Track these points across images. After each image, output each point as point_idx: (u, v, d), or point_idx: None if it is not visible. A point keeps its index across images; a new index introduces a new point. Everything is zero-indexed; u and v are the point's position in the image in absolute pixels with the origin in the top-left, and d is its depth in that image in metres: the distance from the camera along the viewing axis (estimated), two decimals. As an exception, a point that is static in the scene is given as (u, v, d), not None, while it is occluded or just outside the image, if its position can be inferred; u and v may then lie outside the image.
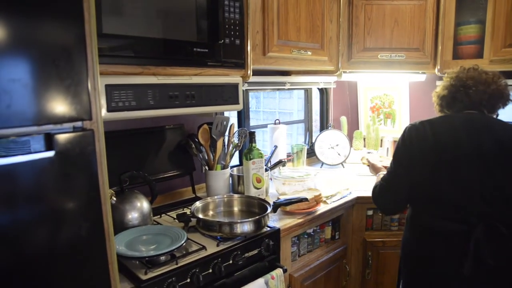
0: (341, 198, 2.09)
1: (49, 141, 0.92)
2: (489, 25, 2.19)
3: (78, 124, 0.98)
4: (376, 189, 1.66)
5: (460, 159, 1.44)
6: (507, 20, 2.11)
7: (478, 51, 2.28)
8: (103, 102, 1.29)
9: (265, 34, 1.87)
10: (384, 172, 1.83)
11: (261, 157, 1.98)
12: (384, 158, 2.15)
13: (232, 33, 1.65)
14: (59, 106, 0.92)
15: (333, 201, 2.05)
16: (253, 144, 1.98)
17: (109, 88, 1.31)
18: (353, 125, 3.19)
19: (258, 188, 1.98)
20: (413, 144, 1.52)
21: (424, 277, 1.53)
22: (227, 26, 1.62)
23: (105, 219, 1.05)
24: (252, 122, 2.58)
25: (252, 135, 2.00)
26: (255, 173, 1.96)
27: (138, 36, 1.37)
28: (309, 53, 2.13)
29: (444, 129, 1.50)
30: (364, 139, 2.99)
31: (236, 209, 1.84)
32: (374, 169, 2.06)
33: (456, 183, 1.44)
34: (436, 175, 1.46)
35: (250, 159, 1.94)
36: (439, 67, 2.39)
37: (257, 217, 1.58)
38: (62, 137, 0.93)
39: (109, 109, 1.31)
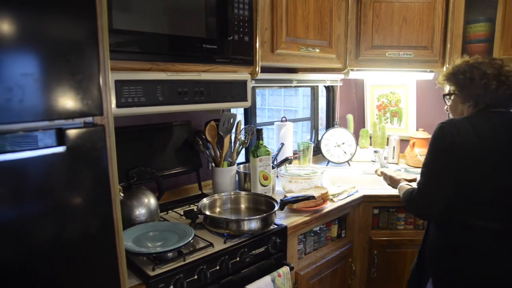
0: (347, 197, 2.09)
1: (60, 136, 0.91)
2: (499, 24, 2.17)
3: (89, 119, 0.98)
4: (413, 195, 1.56)
5: (502, 157, 1.43)
6: (517, 18, 2.09)
7: (487, 49, 2.25)
8: (113, 97, 1.29)
9: (273, 31, 1.86)
10: (405, 183, 1.80)
11: (268, 154, 1.97)
12: (401, 173, 2.08)
13: (241, 29, 1.64)
14: (71, 101, 0.92)
15: (340, 199, 2.05)
16: (260, 142, 1.98)
17: (119, 83, 1.31)
18: (359, 123, 3.18)
19: (265, 186, 1.97)
20: (456, 143, 1.43)
21: (468, 280, 1.47)
22: (236, 23, 1.62)
23: (115, 215, 1.05)
24: (257, 120, 2.58)
25: (259, 132, 1.99)
26: (262, 170, 1.95)
27: (147, 32, 1.37)
28: (317, 50, 2.12)
29: (485, 127, 1.45)
30: (371, 137, 2.98)
31: (243, 206, 1.84)
32: (392, 181, 1.95)
33: (499, 182, 1.42)
34: (480, 174, 1.43)
35: (257, 156, 1.94)
36: (447, 66, 2.37)
37: (264, 214, 1.58)
38: (73, 132, 0.93)
39: (118, 105, 1.31)
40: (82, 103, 0.94)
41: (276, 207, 1.64)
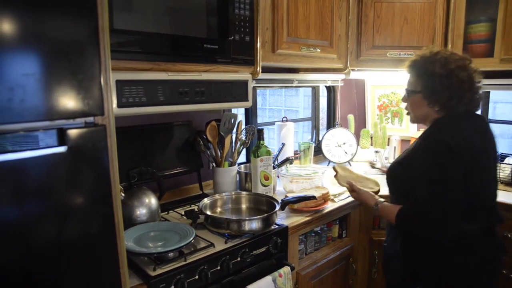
0: (348, 197, 2.08)
1: (62, 136, 0.91)
2: (500, 24, 2.17)
3: (90, 119, 0.98)
4: (427, 213, 1.39)
5: (491, 162, 1.49)
6: (519, 19, 2.09)
7: (488, 49, 2.25)
8: (114, 97, 1.29)
9: (274, 31, 1.86)
10: (381, 199, 1.62)
11: (269, 154, 1.97)
12: (361, 179, 1.91)
13: (242, 29, 1.64)
14: (72, 101, 0.92)
15: (341, 200, 2.05)
16: (261, 142, 1.97)
17: (120, 83, 1.31)
18: (360, 123, 3.18)
19: (265, 186, 1.97)
20: (462, 151, 1.36)
21: (469, 282, 1.47)
22: (237, 23, 1.62)
23: (116, 215, 1.05)
24: (258, 120, 2.58)
25: (260, 132, 1.99)
26: (263, 170, 1.95)
27: (148, 32, 1.37)
28: (318, 50, 2.12)
29: (473, 133, 1.44)
30: (371, 137, 2.98)
31: (244, 206, 1.84)
32: (365, 198, 1.69)
33: (490, 185, 1.48)
34: (478, 181, 1.42)
35: (258, 157, 1.94)
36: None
37: (265, 214, 1.58)
38: (74, 132, 0.93)
39: (119, 105, 1.31)
40: (83, 103, 0.94)
41: (277, 207, 1.64)
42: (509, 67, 2.16)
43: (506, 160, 2.41)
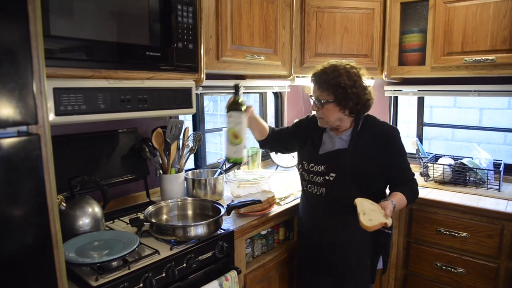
0: (294, 200, 2.15)
1: (-9, 146, 0.89)
2: (429, 34, 2.34)
3: (23, 128, 0.96)
4: (416, 187, 1.81)
5: None
6: (445, 30, 2.26)
7: (421, 58, 2.42)
8: (51, 105, 1.26)
9: (218, 38, 1.89)
10: (390, 200, 1.66)
11: (244, 111, 1.73)
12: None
13: (185, 37, 1.66)
14: (2, 109, 0.90)
15: (287, 203, 2.10)
16: (237, 97, 1.76)
17: (58, 91, 1.28)
18: (307, 128, 3.27)
19: (235, 144, 1.72)
20: None
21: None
22: (180, 30, 1.63)
23: (53, 226, 1.03)
24: (210, 125, 2.59)
25: (236, 88, 1.78)
26: (231, 128, 1.72)
27: (88, 39, 1.36)
28: (263, 58, 2.17)
29: None
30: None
31: (190, 212, 1.84)
32: (390, 208, 1.61)
33: None
34: None
35: (229, 111, 1.73)
36: (386, 73, 2.52)
37: (210, 219, 1.59)
38: (5, 142, 0.90)
39: (57, 113, 1.29)
40: (15, 112, 0.92)
41: (223, 212, 1.67)
42: (439, 74, 2.33)
43: (440, 161, 2.59)
